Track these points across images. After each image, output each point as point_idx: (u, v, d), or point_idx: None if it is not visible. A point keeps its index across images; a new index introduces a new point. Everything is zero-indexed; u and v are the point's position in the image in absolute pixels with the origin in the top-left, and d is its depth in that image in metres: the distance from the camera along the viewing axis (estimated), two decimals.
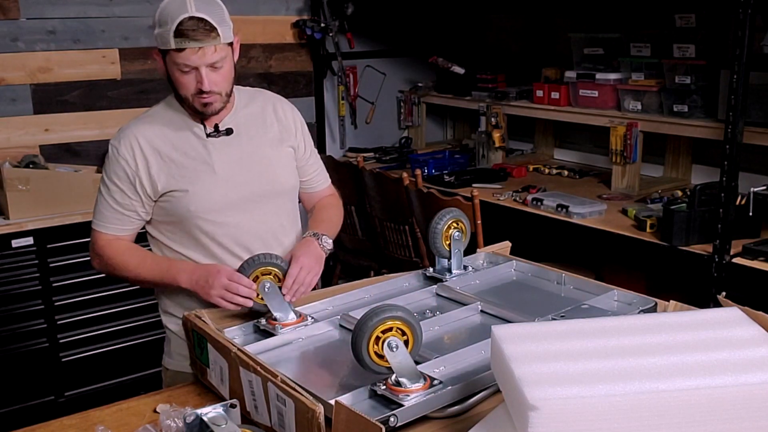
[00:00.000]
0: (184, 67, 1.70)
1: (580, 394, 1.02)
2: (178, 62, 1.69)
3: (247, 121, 1.89)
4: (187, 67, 1.70)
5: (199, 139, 1.83)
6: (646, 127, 3.19)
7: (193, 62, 1.69)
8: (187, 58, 1.68)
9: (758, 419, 1.04)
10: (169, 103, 1.87)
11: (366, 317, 1.29)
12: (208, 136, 1.82)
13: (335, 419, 1.17)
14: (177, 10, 1.66)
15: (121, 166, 1.79)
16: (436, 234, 1.86)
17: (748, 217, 2.56)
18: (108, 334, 3.18)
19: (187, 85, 1.73)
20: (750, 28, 2.34)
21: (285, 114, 1.96)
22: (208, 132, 1.82)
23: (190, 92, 1.74)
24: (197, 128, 1.83)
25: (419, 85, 4.41)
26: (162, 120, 1.84)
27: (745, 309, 1.30)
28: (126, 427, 1.42)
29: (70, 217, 3.02)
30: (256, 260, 1.67)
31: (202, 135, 1.82)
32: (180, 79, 1.73)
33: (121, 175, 1.80)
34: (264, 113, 1.93)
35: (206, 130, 1.82)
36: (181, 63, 1.69)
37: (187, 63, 1.69)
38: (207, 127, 1.83)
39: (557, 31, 3.91)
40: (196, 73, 1.71)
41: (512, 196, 3.28)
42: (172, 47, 1.67)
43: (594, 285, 1.80)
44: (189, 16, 1.66)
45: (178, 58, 1.69)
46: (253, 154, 1.87)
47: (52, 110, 3.44)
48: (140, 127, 1.82)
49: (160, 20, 1.68)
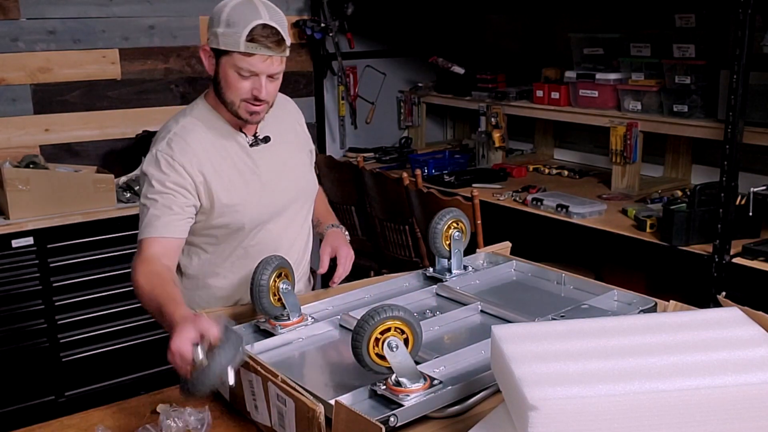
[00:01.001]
0: (246, 72, 1.67)
1: (580, 394, 1.02)
2: (241, 66, 1.66)
3: (276, 127, 1.89)
4: (249, 72, 1.67)
5: (242, 148, 1.81)
6: (646, 127, 3.19)
7: (259, 69, 1.67)
8: (253, 64, 1.66)
9: (758, 419, 1.04)
10: (207, 107, 1.82)
11: (366, 317, 1.29)
12: (250, 145, 1.82)
13: (335, 419, 1.17)
14: (250, 14, 1.64)
15: (178, 172, 1.71)
16: (436, 234, 1.87)
17: (748, 217, 2.56)
18: (108, 334, 3.18)
19: (241, 89, 1.70)
20: (750, 28, 2.33)
21: (299, 116, 2.01)
22: (250, 141, 1.82)
23: (242, 97, 1.71)
24: (240, 137, 1.81)
25: (419, 85, 4.41)
26: (207, 125, 1.79)
27: (745, 309, 1.30)
28: (126, 427, 1.42)
29: (70, 217, 3.02)
30: (272, 262, 1.65)
31: (245, 144, 1.82)
32: (235, 83, 1.69)
33: (178, 181, 1.71)
34: (287, 118, 1.95)
35: (247, 139, 1.82)
36: (244, 67, 1.66)
37: (252, 69, 1.67)
38: (247, 135, 1.82)
39: (557, 31, 3.91)
40: (254, 79, 1.69)
41: (512, 196, 3.28)
42: (240, 50, 1.64)
43: (594, 285, 1.80)
44: (263, 23, 1.64)
45: (243, 62, 1.66)
46: (288, 160, 1.90)
47: (52, 110, 3.44)
48: (191, 139, 1.75)
49: (228, 21, 1.64)
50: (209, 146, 1.77)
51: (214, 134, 1.78)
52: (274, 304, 1.63)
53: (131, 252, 3.11)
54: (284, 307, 1.64)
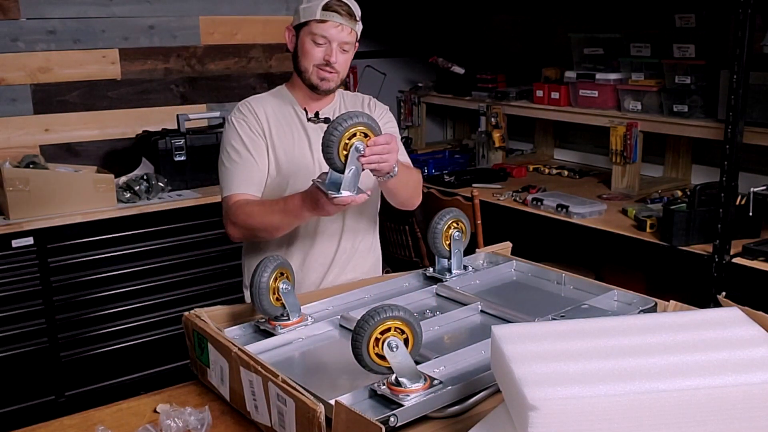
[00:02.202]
0: (320, 38, 1.87)
1: (580, 394, 1.02)
2: (316, 32, 1.87)
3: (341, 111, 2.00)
4: (323, 39, 1.87)
5: (300, 121, 1.99)
6: (646, 127, 3.20)
7: (331, 35, 1.87)
8: (326, 30, 1.86)
9: (758, 419, 1.04)
10: (280, 91, 2.04)
11: (366, 317, 1.29)
12: (309, 120, 1.99)
13: (335, 419, 1.17)
14: None
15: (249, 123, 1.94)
16: (436, 234, 1.87)
17: (748, 217, 2.56)
18: (108, 334, 3.18)
19: (315, 55, 1.89)
20: (750, 28, 2.34)
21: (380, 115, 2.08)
22: (309, 117, 1.99)
23: (315, 62, 1.90)
24: (301, 113, 2.00)
25: (419, 85, 4.41)
26: (276, 97, 2.02)
27: (745, 309, 1.30)
28: (126, 427, 1.42)
29: (70, 217, 3.02)
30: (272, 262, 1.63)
31: (304, 119, 1.99)
32: (310, 50, 1.89)
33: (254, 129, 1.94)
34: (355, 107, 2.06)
35: (307, 115, 1.99)
36: (318, 33, 1.86)
37: (325, 34, 1.86)
38: (308, 113, 1.99)
39: (557, 31, 3.91)
40: (327, 46, 1.88)
41: (512, 196, 3.28)
42: (316, 17, 1.85)
43: (594, 285, 1.80)
44: None
45: (318, 29, 1.86)
46: None
47: (52, 110, 3.44)
48: (260, 104, 1.98)
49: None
50: (272, 113, 1.98)
51: (280, 107, 1.99)
52: (274, 304, 1.63)
53: (131, 252, 3.17)
54: (284, 307, 1.64)
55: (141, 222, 3.16)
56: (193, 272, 3.32)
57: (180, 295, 3.29)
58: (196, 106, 3.71)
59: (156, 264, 3.22)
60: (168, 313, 3.25)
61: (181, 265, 3.29)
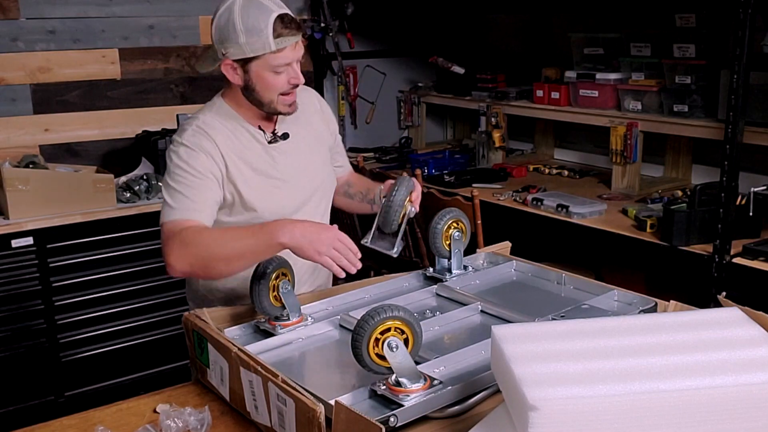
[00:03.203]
0: (280, 67, 1.69)
1: (580, 394, 1.02)
2: (274, 63, 1.68)
3: (294, 122, 1.87)
4: (282, 66, 1.70)
5: (261, 146, 1.80)
6: (646, 127, 3.19)
7: (291, 58, 1.70)
8: (285, 57, 1.69)
9: (758, 419, 1.04)
10: (226, 106, 1.81)
11: (366, 317, 1.29)
12: (269, 142, 1.81)
13: (335, 419, 1.17)
14: (263, 13, 1.65)
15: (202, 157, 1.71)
16: (436, 234, 1.87)
17: (748, 217, 2.56)
18: (108, 334, 3.18)
19: (278, 85, 1.72)
20: (750, 28, 2.33)
21: (317, 103, 1.98)
22: (269, 139, 1.81)
23: (279, 92, 1.73)
24: (259, 135, 1.80)
25: (419, 85, 4.41)
26: (227, 122, 1.78)
27: (745, 309, 1.30)
28: (126, 427, 1.42)
29: (70, 217, 3.02)
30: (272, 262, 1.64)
31: (264, 141, 1.80)
32: (273, 82, 1.71)
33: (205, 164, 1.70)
34: (304, 110, 1.89)
35: (266, 136, 1.81)
36: (278, 63, 1.68)
37: (286, 61, 1.69)
38: (266, 133, 1.81)
39: (557, 31, 3.91)
40: (288, 69, 1.71)
41: (512, 196, 3.28)
42: (272, 50, 1.66)
43: (594, 285, 1.80)
44: (278, 14, 1.66)
45: (276, 60, 1.68)
46: (306, 155, 1.88)
47: (52, 110, 3.44)
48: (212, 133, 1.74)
49: (246, 29, 1.64)
50: (229, 142, 1.76)
51: (233, 131, 1.78)
52: (274, 305, 1.63)
53: (131, 252, 3.17)
54: (284, 307, 1.64)
55: (141, 222, 3.16)
56: None
57: (180, 295, 3.27)
58: (196, 106, 3.68)
59: (156, 264, 3.22)
60: (168, 313, 3.25)
61: None
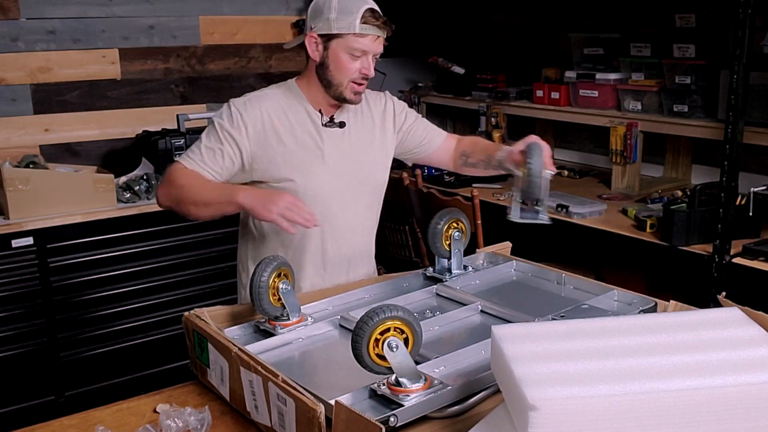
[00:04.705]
0: (357, 51, 1.84)
1: (580, 394, 1.02)
2: (354, 46, 1.83)
3: (357, 117, 1.99)
4: (360, 52, 1.84)
5: (314, 125, 1.93)
6: (646, 127, 3.19)
7: (370, 48, 1.85)
8: (365, 44, 1.83)
9: (758, 419, 1.04)
10: (290, 88, 1.96)
11: (366, 318, 1.29)
12: (324, 125, 1.93)
13: (335, 419, 1.17)
14: (359, 1, 1.82)
15: (237, 127, 1.85)
16: (436, 234, 1.87)
17: (748, 217, 2.56)
18: (108, 334, 3.18)
19: (351, 69, 1.85)
20: (750, 28, 2.33)
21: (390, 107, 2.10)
22: (324, 122, 1.94)
23: (350, 77, 1.86)
24: (315, 115, 1.93)
25: (419, 85, 4.41)
26: (288, 97, 1.94)
27: (745, 309, 1.30)
28: (126, 427, 1.42)
29: (70, 217, 3.02)
30: (272, 262, 1.65)
31: (319, 123, 1.93)
32: (347, 64, 1.85)
33: (233, 134, 1.85)
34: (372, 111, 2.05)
35: (323, 119, 1.94)
36: (357, 47, 1.83)
37: (364, 48, 1.84)
38: (323, 116, 1.94)
39: (557, 31, 3.91)
40: (364, 59, 1.86)
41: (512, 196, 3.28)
42: (356, 31, 1.81)
43: (594, 285, 1.80)
44: (370, 7, 1.83)
45: (356, 43, 1.82)
46: (357, 147, 1.98)
47: (52, 110, 3.44)
48: (266, 103, 1.90)
49: (340, 7, 1.81)
50: (280, 113, 1.90)
51: (289, 107, 1.92)
52: (274, 304, 1.62)
53: (131, 252, 3.17)
54: (284, 307, 1.63)
55: (141, 222, 3.16)
56: (192, 272, 3.32)
57: (180, 295, 3.29)
58: (196, 106, 3.72)
59: (156, 264, 3.22)
60: (168, 313, 3.25)
61: (180, 265, 3.29)
